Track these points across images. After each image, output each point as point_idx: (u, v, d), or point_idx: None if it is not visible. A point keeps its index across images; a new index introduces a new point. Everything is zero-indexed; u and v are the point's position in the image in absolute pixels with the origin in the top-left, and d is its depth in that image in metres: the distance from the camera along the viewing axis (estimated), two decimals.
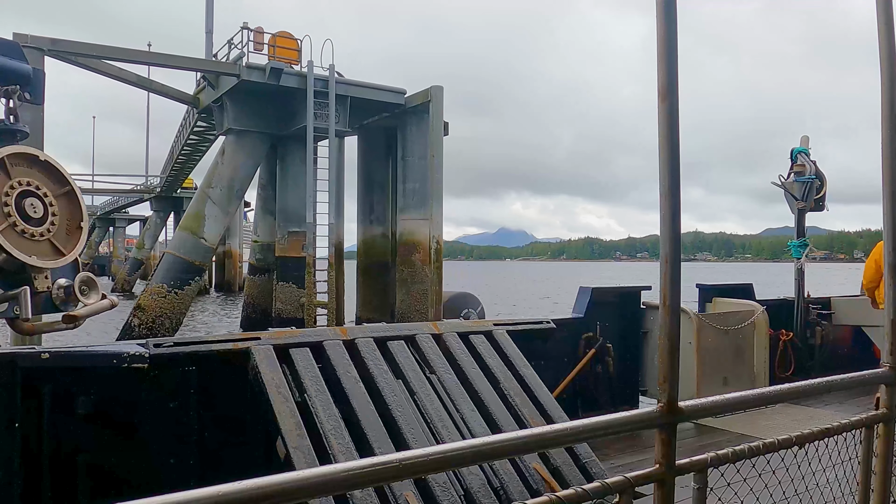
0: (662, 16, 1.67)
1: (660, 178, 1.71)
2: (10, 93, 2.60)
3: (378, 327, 4.60)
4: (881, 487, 2.36)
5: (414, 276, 20.99)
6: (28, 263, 2.39)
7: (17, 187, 2.42)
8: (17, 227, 2.39)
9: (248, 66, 20.37)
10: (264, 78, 20.21)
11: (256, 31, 21.50)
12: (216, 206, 21.34)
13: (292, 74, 20.76)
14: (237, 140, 21.83)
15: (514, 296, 52.42)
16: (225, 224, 22.66)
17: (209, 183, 22.00)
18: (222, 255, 48.61)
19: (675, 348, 1.73)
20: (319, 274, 20.96)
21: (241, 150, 21.82)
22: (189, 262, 20.79)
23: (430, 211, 21.01)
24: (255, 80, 20.23)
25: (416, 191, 21.40)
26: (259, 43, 21.38)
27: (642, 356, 7.08)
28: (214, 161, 23.13)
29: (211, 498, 1.12)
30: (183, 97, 24.35)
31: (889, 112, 2.30)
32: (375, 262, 23.52)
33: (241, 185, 22.42)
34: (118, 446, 3.94)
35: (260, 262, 26.81)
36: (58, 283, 2.53)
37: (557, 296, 47.32)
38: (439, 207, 21.23)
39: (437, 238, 21.16)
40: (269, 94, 21.08)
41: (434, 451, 1.43)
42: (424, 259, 20.88)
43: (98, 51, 18.84)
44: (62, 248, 2.55)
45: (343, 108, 21.30)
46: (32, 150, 2.51)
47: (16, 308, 2.37)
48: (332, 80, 20.70)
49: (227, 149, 22.03)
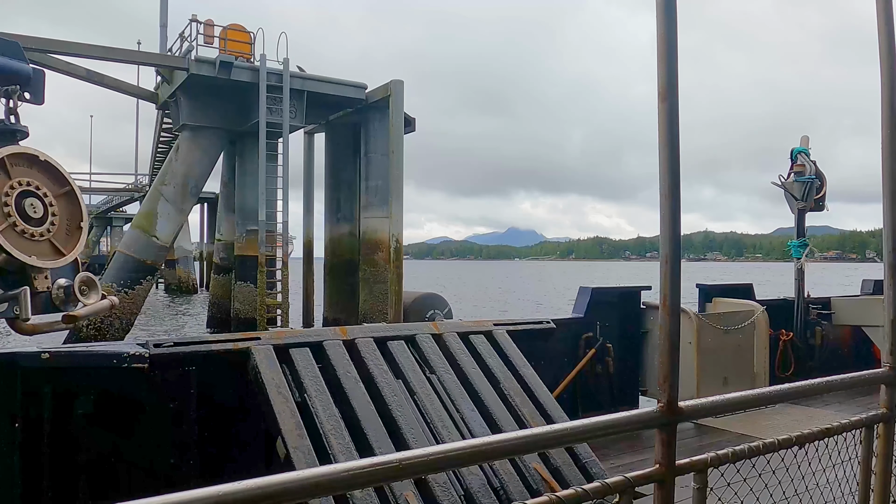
0: (662, 16, 1.67)
1: (660, 179, 1.71)
2: (10, 93, 2.60)
3: (378, 327, 4.60)
4: (881, 487, 2.36)
5: (377, 275, 20.53)
6: (28, 263, 2.39)
7: (17, 187, 2.41)
8: (17, 227, 2.39)
9: (198, 59, 19.64)
10: (214, 72, 19.52)
11: (206, 23, 20.83)
12: (170, 203, 20.70)
13: (244, 68, 20.10)
14: (192, 136, 21.16)
15: (499, 296, 51.57)
16: (179, 222, 22.07)
17: (163, 180, 21.37)
18: (212, 254, 48.54)
19: (675, 348, 1.73)
20: (275, 273, 20.54)
21: (196, 147, 21.15)
22: (140, 262, 20.25)
23: (391, 209, 20.46)
24: (205, 73, 19.53)
25: (378, 188, 20.90)
26: (209, 36, 20.77)
27: (642, 356, 7.08)
28: (169, 158, 22.50)
29: (211, 498, 1.12)
30: (141, 93, 23.51)
31: (889, 112, 2.30)
32: (342, 261, 22.93)
33: (196, 183, 21.71)
34: (118, 446, 3.94)
35: (224, 262, 26.27)
36: (58, 283, 2.53)
37: (544, 297, 46.52)
38: (399, 205, 20.64)
39: (397, 237, 20.60)
40: (226, 89, 20.42)
41: (434, 451, 1.43)
42: (386, 258, 20.39)
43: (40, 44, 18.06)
44: (62, 248, 2.55)
45: (300, 103, 20.76)
46: (32, 149, 2.51)
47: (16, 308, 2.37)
48: (286, 74, 20.11)
49: (182, 145, 21.34)
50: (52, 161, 2.56)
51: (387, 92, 20.69)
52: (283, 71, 20.23)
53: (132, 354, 3.74)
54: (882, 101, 2.30)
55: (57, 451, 3.72)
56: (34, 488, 3.63)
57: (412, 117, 22.96)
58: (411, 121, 23.24)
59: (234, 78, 19.81)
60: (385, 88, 20.84)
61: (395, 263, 20.37)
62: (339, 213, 23.45)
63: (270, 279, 20.61)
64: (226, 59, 19.76)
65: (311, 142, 25.24)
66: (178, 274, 47.81)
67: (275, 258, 20.76)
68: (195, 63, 19.55)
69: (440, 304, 19.76)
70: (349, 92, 21.33)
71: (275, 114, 20.11)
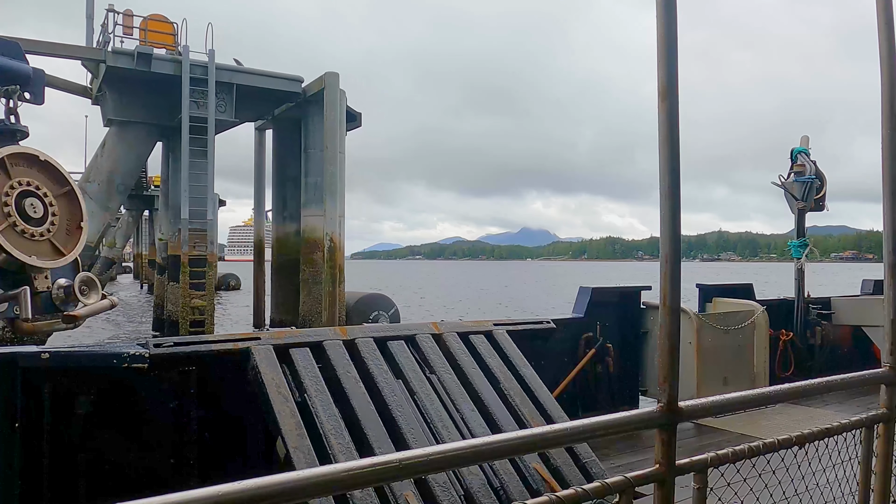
0: (662, 16, 1.67)
1: (660, 179, 1.71)
2: (10, 93, 2.60)
3: (378, 327, 4.61)
4: (881, 487, 2.36)
5: (315, 276, 19.86)
6: (28, 263, 2.39)
7: (17, 187, 2.41)
8: (17, 227, 2.39)
9: (115, 51, 18.69)
10: (133, 64, 18.54)
11: (125, 14, 19.89)
12: (94, 202, 19.43)
13: (166, 60, 19.12)
14: (118, 131, 20.20)
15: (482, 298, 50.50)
16: (104, 221, 21.23)
17: (87, 177, 20.37)
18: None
19: (675, 348, 1.73)
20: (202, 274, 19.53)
21: (122, 143, 20.21)
22: None
23: (325, 206, 19.79)
24: (123, 66, 18.55)
25: (316, 185, 20.23)
26: (129, 27, 19.86)
27: (642, 356, 7.08)
28: (95, 154, 21.44)
29: (211, 498, 1.12)
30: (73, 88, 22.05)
31: (889, 112, 2.30)
32: (288, 261, 21.99)
33: (123, 180, 20.75)
34: (118, 446, 3.94)
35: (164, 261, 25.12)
36: (58, 283, 2.53)
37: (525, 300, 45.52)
38: (334, 203, 19.90)
39: (332, 235, 19.82)
40: (155, 83, 19.36)
41: (434, 451, 1.43)
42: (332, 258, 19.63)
43: None
44: (62, 248, 2.55)
45: (229, 97, 19.87)
46: (32, 149, 2.51)
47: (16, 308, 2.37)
48: (211, 66, 19.22)
49: (108, 141, 20.41)
50: (51, 161, 2.56)
51: (321, 85, 19.86)
52: (208, 63, 19.21)
53: (132, 354, 3.74)
54: (882, 100, 2.30)
55: (57, 451, 3.72)
56: (34, 488, 3.63)
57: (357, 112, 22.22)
58: (356, 115, 22.46)
59: (155, 70, 18.84)
60: (320, 81, 20.03)
61: (329, 264, 19.55)
62: (286, 211, 22.58)
63: (195, 280, 19.52)
64: (144, 50, 18.85)
65: (262, 138, 24.34)
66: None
67: (203, 258, 19.73)
68: (112, 55, 18.61)
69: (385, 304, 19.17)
70: (284, 85, 20.47)
71: (202, 108, 19.15)
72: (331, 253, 19.78)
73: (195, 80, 19.16)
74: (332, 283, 19.48)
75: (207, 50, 19.58)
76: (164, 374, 4.02)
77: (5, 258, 2.34)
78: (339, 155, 20.42)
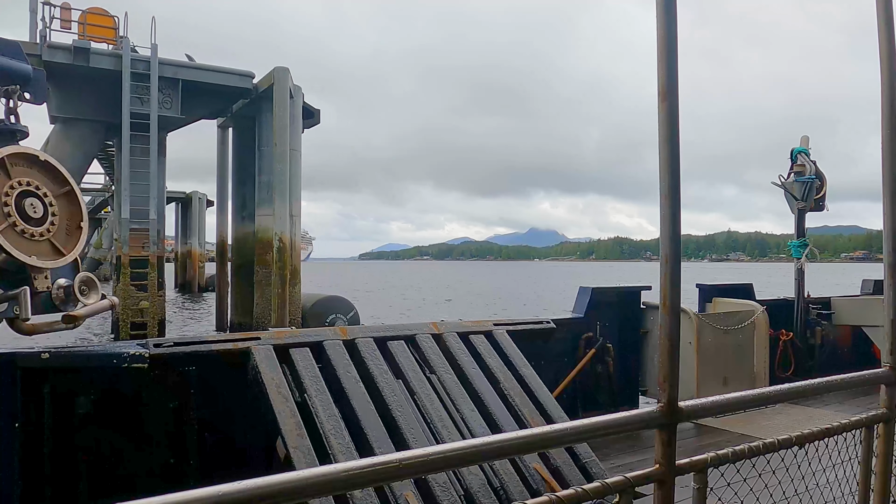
0: (662, 16, 1.67)
1: (660, 179, 1.71)
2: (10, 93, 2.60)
3: (378, 327, 4.60)
4: (881, 487, 2.36)
5: (268, 277, 19.25)
6: (28, 263, 2.39)
7: (17, 187, 2.41)
8: (17, 227, 2.38)
9: (51, 45, 17.81)
10: (70, 59, 17.79)
11: (63, 6, 18.98)
12: None
13: (105, 55, 18.23)
14: (63, 129, 19.30)
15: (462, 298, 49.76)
16: None
17: None
18: (186, 254, 47.86)
19: (675, 348, 1.73)
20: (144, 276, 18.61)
21: (66, 141, 19.24)
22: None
23: (274, 205, 19.18)
24: (61, 61, 17.74)
25: (269, 184, 19.59)
26: (66, 20, 18.95)
27: (642, 356, 7.08)
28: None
29: (211, 498, 1.12)
30: None
31: (889, 112, 2.30)
32: (247, 261, 21.17)
33: None
34: (118, 446, 3.94)
35: (115, 263, 23.98)
36: (58, 283, 2.53)
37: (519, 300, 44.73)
38: (284, 202, 19.25)
39: (281, 236, 19.21)
40: (101, 79, 18.56)
41: (434, 451, 1.43)
42: (282, 259, 19.03)
43: None
44: (62, 248, 2.55)
45: (175, 93, 19.08)
46: (32, 149, 2.51)
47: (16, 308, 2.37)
48: (153, 61, 18.47)
49: (52, 139, 19.44)
50: (51, 161, 2.56)
51: (271, 80, 19.27)
52: (150, 58, 18.47)
53: (132, 354, 3.74)
54: (882, 100, 2.30)
55: (57, 451, 3.72)
56: (34, 488, 3.64)
57: (315, 109, 21.52)
58: (314, 112, 21.74)
59: (94, 65, 18.07)
60: (270, 77, 19.42)
61: (279, 265, 18.98)
62: (245, 210, 21.76)
63: (136, 282, 18.75)
64: (81, 44, 17.99)
65: (225, 136, 23.63)
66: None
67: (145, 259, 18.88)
68: (48, 50, 17.77)
69: (344, 307, 18.55)
70: (234, 81, 19.72)
71: (146, 104, 18.40)
72: (280, 253, 19.16)
73: (137, 75, 18.42)
74: (282, 285, 18.86)
75: (151, 44, 18.85)
76: (164, 374, 4.02)
77: (5, 258, 2.34)
78: (292, 152, 19.73)
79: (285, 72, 19.40)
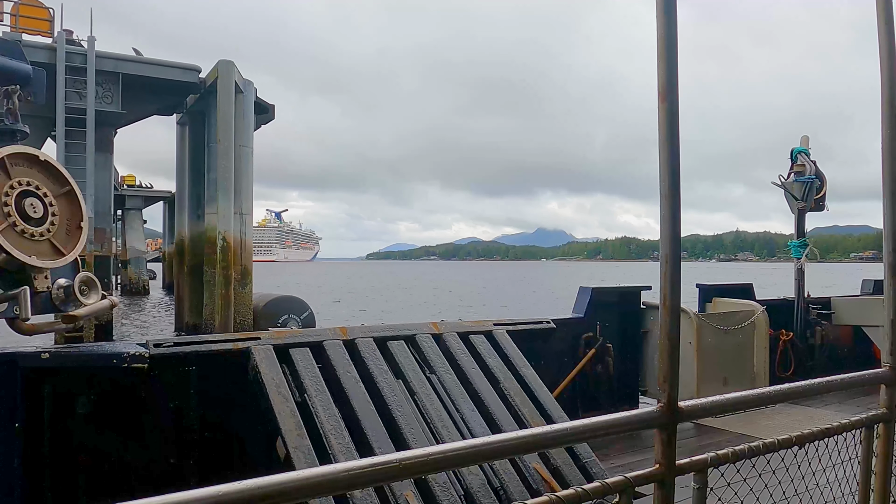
0: (662, 16, 1.67)
1: (660, 179, 1.71)
2: (10, 93, 2.61)
3: (378, 327, 4.60)
4: (881, 487, 2.36)
5: (216, 277, 18.66)
6: (28, 263, 2.39)
7: (17, 187, 2.41)
8: (17, 227, 2.39)
9: None
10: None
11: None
12: None
13: (38, 47, 17.23)
14: None
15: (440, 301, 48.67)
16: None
17: None
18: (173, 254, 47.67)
19: (675, 348, 1.73)
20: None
21: None
22: None
23: (217, 204, 18.60)
24: None
25: (215, 181, 18.94)
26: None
27: (642, 356, 7.08)
28: None
29: (211, 498, 1.12)
30: None
31: (889, 112, 2.30)
32: (199, 261, 20.15)
33: None
34: (118, 446, 3.94)
35: None
36: (58, 283, 2.53)
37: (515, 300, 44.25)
38: (227, 200, 18.70)
39: (225, 234, 18.64)
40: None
41: (434, 451, 1.43)
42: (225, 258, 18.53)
43: None
44: (62, 248, 2.55)
45: (115, 87, 18.32)
46: (32, 150, 2.51)
47: (16, 308, 2.37)
48: (90, 55, 17.69)
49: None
50: (51, 161, 2.56)
51: (215, 75, 18.66)
52: (87, 51, 17.70)
53: (132, 354, 3.74)
54: (882, 100, 2.30)
55: (57, 451, 3.72)
56: (34, 488, 3.64)
57: (269, 104, 20.89)
58: (268, 108, 21.12)
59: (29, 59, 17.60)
60: (215, 71, 18.80)
61: (223, 264, 18.46)
62: (199, 209, 20.68)
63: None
64: (12, 36, 16.70)
65: (183, 132, 22.80)
66: (129, 275, 47.09)
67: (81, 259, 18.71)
68: None
69: (298, 307, 17.54)
70: (178, 75, 18.98)
71: (83, 99, 17.65)
72: (224, 253, 18.67)
73: (73, 68, 17.66)
74: (226, 285, 18.37)
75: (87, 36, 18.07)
76: (164, 374, 4.02)
77: (5, 258, 2.34)
78: (242, 149, 19.23)
79: (230, 65, 18.84)
